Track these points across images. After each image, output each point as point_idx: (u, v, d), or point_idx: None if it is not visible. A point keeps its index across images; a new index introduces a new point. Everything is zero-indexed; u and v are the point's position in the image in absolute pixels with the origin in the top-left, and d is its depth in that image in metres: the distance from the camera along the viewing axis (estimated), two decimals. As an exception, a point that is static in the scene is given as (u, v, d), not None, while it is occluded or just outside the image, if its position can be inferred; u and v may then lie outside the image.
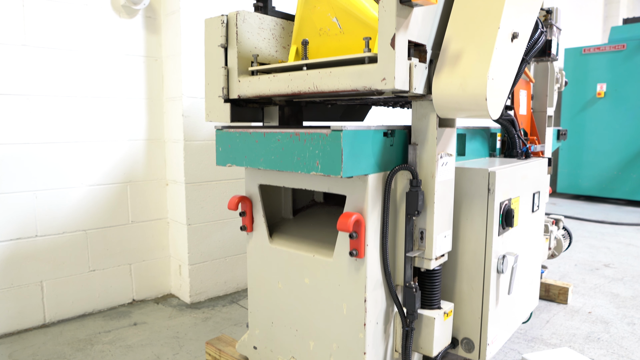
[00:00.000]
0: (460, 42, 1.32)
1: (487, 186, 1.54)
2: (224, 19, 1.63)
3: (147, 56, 2.55)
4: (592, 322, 2.40)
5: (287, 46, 1.82)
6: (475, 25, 1.32)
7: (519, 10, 1.38)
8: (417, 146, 1.43)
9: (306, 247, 1.55)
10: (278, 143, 1.37)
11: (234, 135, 1.51)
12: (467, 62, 1.28)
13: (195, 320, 2.42)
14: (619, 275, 3.14)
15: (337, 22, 1.52)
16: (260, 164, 1.43)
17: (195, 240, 2.61)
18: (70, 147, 2.33)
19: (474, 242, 1.59)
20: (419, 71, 1.30)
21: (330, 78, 1.36)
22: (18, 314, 2.25)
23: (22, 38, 2.15)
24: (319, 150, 1.26)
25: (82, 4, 2.30)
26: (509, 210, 1.60)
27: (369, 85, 1.28)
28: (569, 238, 2.84)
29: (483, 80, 1.24)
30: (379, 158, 1.36)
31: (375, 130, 1.33)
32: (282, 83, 1.49)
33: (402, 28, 1.23)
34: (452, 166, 1.49)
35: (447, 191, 1.48)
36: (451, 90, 1.29)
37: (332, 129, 1.23)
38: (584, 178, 6.11)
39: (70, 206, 2.36)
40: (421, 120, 1.41)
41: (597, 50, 5.82)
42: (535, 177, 1.92)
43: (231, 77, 1.65)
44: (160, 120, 2.64)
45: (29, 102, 2.19)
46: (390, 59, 1.22)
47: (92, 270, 2.47)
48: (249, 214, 1.66)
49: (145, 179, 2.61)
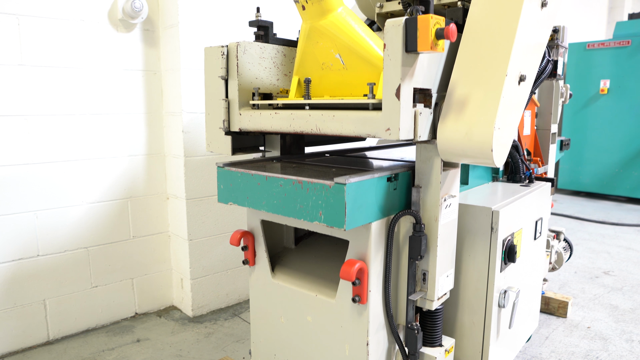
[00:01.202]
0: (467, 87, 1.29)
1: (491, 225, 1.53)
2: (224, 50, 1.60)
3: (146, 70, 2.51)
4: (591, 338, 2.42)
5: (289, 73, 1.79)
6: (481, 69, 1.29)
7: (527, 51, 1.35)
8: (421, 189, 1.42)
9: (309, 284, 1.55)
10: (280, 188, 1.35)
11: (236, 175, 1.49)
12: (473, 109, 1.26)
13: (198, 336, 2.44)
14: (618, 284, 3.16)
15: (340, 59, 1.49)
16: (263, 207, 1.42)
17: (196, 255, 2.61)
18: (69, 166, 2.31)
19: (476, 278, 1.59)
20: (424, 118, 1.28)
21: (333, 122, 1.34)
22: (22, 333, 2.26)
23: (18, 58, 2.11)
24: (322, 201, 1.25)
25: (78, 19, 2.26)
26: (511, 246, 1.60)
27: (373, 133, 1.26)
28: (570, 250, 2.85)
29: (490, 130, 1.22)
30: (383, 204, 1.35)
31: (379, 177, 1.32)
32: (284, 121, 1.47)
33: (408, 77, 1.20)
34: (455, 206, 1.48)
35: (450, 232, 1.47)
36: (456, 138, 1.27)
37: (336, 181, 1.21)
38: (585, 174, 6.10)
39: (71, 224, 2.35)
40: (425, 162, 1.40)
41: (602, 45, 5.74)
42: (538, 205, 1.91)
43: (232, 109, 1.63)
44: (160, 135, 2.61)
45: (27, 123, 2.17)
46: (394, 109, 1.20)
47: (95, 287, 2.48)
48: (251, 249, 1.66)
49: (146, 193, 2.60)
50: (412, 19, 1.15)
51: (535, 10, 1.39)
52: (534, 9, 1.38)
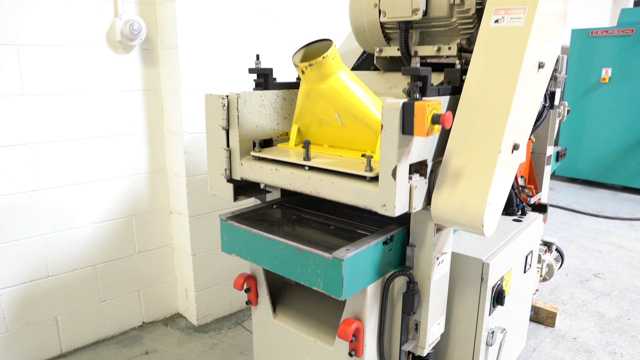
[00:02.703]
0: (462, 159, 1.34)
1: (481, 275, 1.61)
2: (225, 102, 1.62)
3: (146, 90, 2.52)
4: (576, 350, 2.55)
5: (288, 116, 1.82)
6: (477, 141, 1.33)
7: (522, 117, 1.39)
8: (415, 248, 1.48)
9: (308, 328, 1.64)
10: (282, 252, 1.42)
11: (239, 230, 1.55)
12: (467, 183, 1.30)
13: (203, 347, 2.57)
14: (607, 288, 3.28)
15: (339, 118, 1.52)
16: (265, 265, 1.49)
17: (200, 268, 2.71)
18: (74, 190, 2.37)
19: (466, 320, 1.68)
20: (419, 190, 1.33)
21: (331, 189, 1.39)
22: (36, 348, 2.38)
23: (19, 88, 2.13)
24: (321, 270, 1.32)
25: (77, 44, 2.25)
26: (500, 291, 1.68)
27: (370, 206, 1.31)
28: (561, 260, 2.95)
29: (482, 206, 1.27)
30: (378, 267, 1.42)
31: (375, 244, 1.38)
32: (284, 179, 1.52)
33: (404, 157, 1.25)
34: (448, 260, 1.55)
35: (442, 285, 1.55)
36: (449, 209, 1.32)
37: (334, 255, 1.28)
38: (582, 162, 6.14)
39: (78, 245, 2.43)
40: (419, 224, 1.46)
41: (605, 33, 5.66)
42: (529, 240, 1.99)
43: (233, 158, 1.67)
44: (162, 152, 2.65)
45: (32, 151, 2.21)
46: (390, 188, 1.25)
47: (103, 301, 2.58)
48: (253, 291, 1.74)
49: (150, 210, 2.67)
50: (409, 105, 1.18)
51: (532, 74, 1.42)
52: (531, 73, 1.41)
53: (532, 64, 1.40)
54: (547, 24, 1.44)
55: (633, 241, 4.19)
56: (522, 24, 1.36)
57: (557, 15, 1.53)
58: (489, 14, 1.43)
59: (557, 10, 1.51)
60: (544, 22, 1.41)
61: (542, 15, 1.40)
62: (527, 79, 1.38)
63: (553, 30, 1.51)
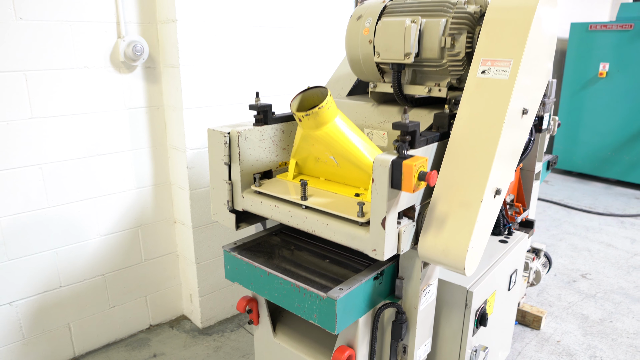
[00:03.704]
0: (447, 206, 1.44)
1: (465, 302, 1.73)
2: (227, 139, 1.72)
3: (149, 106, 2.61)
4: (559, 354, 2.70)
5: (287, 147, 1.91)
6: (461, 188, 1.43)
7: (504, 168, 1.49)
8: (404, 280, 1.60)
9: (306, 348, 1.78)
10: (280, 286, 1.54)
11: (241, 262, 1.67)
12: (451, 230, 1.41)
13: (208, 350, 2.73)
14: (592, 289, 3.43)
15: (334, 159, 1.62)
16: (265, 295, 1.62)
17: (204, 275, 2.84)
18: (83, 205, 2.48)
19: (451, 340, 1.82)
20: (407, 234, 1.44)
21: (326, 229, 1.50)
22: (51, 353, 2.54)
23: (28, 112, 2.21)
24: (317, 306, 1.44)
25: (82, 67, 2.33)
26: (483, 314, 1.81)
27: (361, 249, 1.43)
28: (549, 264, 3.08)
29: (464, 252, 1.38)
30: (369, 300, 1.54)
31: (367, 281, 1.50)
32: (283, 215, 1.63)
33: (393, 207, 1.35)
34: (434, 289, 1.67)
35: (429, 312, 1.68)
36: (434, 252, 1.43)
37: (328, 295, 1.40)
38: (578, 156, 6.23)
39: (88, 256, 2.56)
40: (407, 260, 1.57)
41: (604, 27, 5.67)
42: (514, 260, 2.11)
43: (235, 191, 1.77)
44: (166, 165, 2.75)
45: (42, 171, 2.31)
46: (380, 235, 1.36)
47: (112, 307, 2.73)
48: (255, 312, 1.87)
49: (155, 220, 2.79)
50: (398, 163, 1.28)
51: (516, 121, 1.51)
52: (515, 120, 1.50)
53: (516, 112, 1.49)
54: (531, 74, 1.53)
55: (622, 239, 4.33)
56: (507, 77, 1.44)
57: (543, 62, 1.61)
58: (477, 64, 1.51)
59: (541, 59, 1.59)
60: (528, 73, 1.50)
61: (526, 68, 1.48)
62: (511, 127, 1.48)
63: (538, 78, 1.59)
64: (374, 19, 1.80)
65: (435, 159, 1.52)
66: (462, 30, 1.62)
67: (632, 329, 2.95)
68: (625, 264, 3.85)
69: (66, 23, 2.23)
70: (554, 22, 1.62)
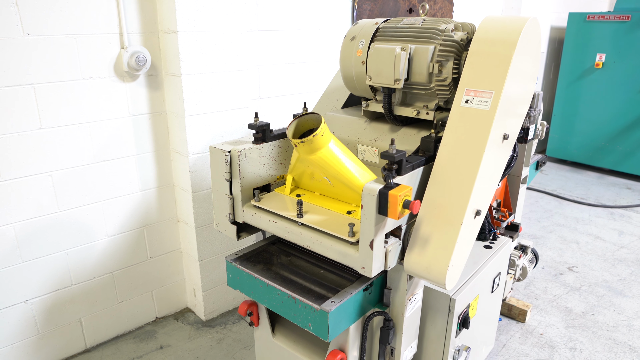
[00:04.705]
0: (430, 227, 1.57)
1: (449, 308, 1.88)
2: (227, 157, 1.83)
3: (152, 112, 2.71)
4: (541, 346, 2.88)
5: (284, 161, 2.03)
6: (444, 212, 1.56)
7: (485, 190, 1.61)
8: (391, 290, 1.75)
9: (302, 348, 1.93)
10: (278, 297, 1.68)
11: (242, 272, 1.81)
12: (433, 250, 1.54)
13: (211, 342, 2.90)
14: (578, 282, 3.59)
15: (328, 180, 1.74)
16: (264, 303, 1.76)
17: (207, 271, 2.99)
18: (91, 208, 2.61)
19: (436, 340, 1.97)
20: (394, 253, 1.57)
21: (320, 246, 1.63)
22: (64, 345, 2.71)
23: (37, 123, 2.32)
24: (311, 316, 1.59)
25: (87, 77, 2.42)
26: (466, 317, 1.96)
27: (352, 266, 1.56)
28: (536, 260, 3.22)
29: (444, 269, 1.52)
30: (360, 309, 1.69)
31: (357, 293, 1.64)
32: (280, 230, 1.76)
33: (380, 231, 1.48)
34: (420, 297, 1.82)
35: (414, 318, 1.82)
36: (418, 269, 1.57)
37: (321, 308, 1.54)
38: (573, 145, 6.33)
39: (97, 256, 2.70)
40: (395, 273, 1.71)
41: (602, 18, 5.69)
42: (498, 264, 2.25)
43: (236, 204, 1.90)
44: (169, 168, 2.87)
45: (52, 178, 2.43)
46: (368, 255, 1.49)
47: (121, 302, 2.89)
48: (255, 314, 2.02)
49: (159, 220, 2.92)
50: (384, 194, 1.40)
51: (497, 146, 1.62)
52: (496, 145, 1.61)
53: (497, 139, 1.60)
54: (512, 101, 1.63)
55: (610, 231, 4.48)
56: (488, 107, 1.55)
57: (525, 86, 1.71)
58: (461, 93, 1.62)
59: (524, 84, 1.69)
60: (508, 103, 1.60)
61: (507, 97, 1.58)
62: (491, 153, 1.59)
63: (519, 103, 1.70)
64: (367, 41, 1.89)
65: (421, 181, 1.64)
66: (449, 57, 1.71)
67: (612, 322, 3.12)
68: (612, 256, 4.00)
69: (71, 36, 2.31)
70: (536, 46, 1.72)
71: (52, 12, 2.23)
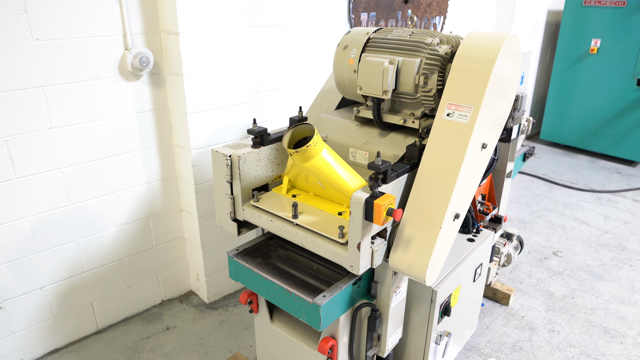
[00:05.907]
0: (412, 229, 1.73)
1: (431, 298, 2.06)
2: (228, 161, 1.98)
3: (155, 109, 2.83)
4: (522, 328, 3.09)
5: (281, 162, 2.18)
6: (425, 214, 1.72)
7: (463, 195, 1.76)
8: (378, 284, 1.92)
9: (298, 333, 2.13)
10: (275, 290, 1.86)
11: (242, 267, 1.98)
12: (414, 250, 1.71)
13: (214, 324, 3.11)
14: (561, 267, 3.78)
15: (321, 184, 1.89)
16: (263, 295, 1.94)
17: (209, 258, 3.18)
18: (100, 201, 2.77)
19: (419, 327, 2.17)
20: (379, 252, 1.74)
21: (313, 245, 1.80)
22: (78, 327, 2.92)
23: (48, 123, 2.45)
24: (305, 308, 1.77)
25: (93, 78, 2.54)
26: (447, 306, 2.15)
27: (341, 264, 1.73)
28: (521, 246, 3.40)
29: (424, 268, 1.69)
30: (349, 301, 1.86)
31: (346, 288, 1.81)
32: (277, 229, 1.92)
33: (367, 234, 1.64)
34: (404, 289, 2.00)
35: (399, 308, 2.01)
36: (401, 267, 1.74)
37: (314, 301, 1.72)
38: (566, 129, 6.45)
39: (106, 245, 2.88)
40: (381, 269, 1.88)
41: (598, 3, 5.72)
42: (480, 255, 2.42)
43: (236, 203, 2.06)
44: (172, 161, 3.02)
45: (63, 174, 2.58)
46: (356, 255, 1.66)
47: (129, 286, 3.09)
48: (255, 302, 2.21)
49: (163, 210, 3.09)
50: (370, 203, 1.56)
51: (475, 155, 1.77)
52: (474, 155, 1.76)
53: (475, 149, 1.75)
54: (492, 113, 1.77)
55: (596, 216, 4.65)
56: (467, 121, 1.69)
57: (505, 97, 1.84)
58: (444, 106, 1.75)
59: (504, 95, 1.82)
60: (487, 115, 1.74)
61: (486, 110, 1.72)
62: (470, 161, 1.74)
63: (498, 115, 1.83)
64: (359, 50, 2.01)
65: (405, 186, 1.79)
66: (433, 70, 1.84)
67: (590, 305, 3.33)
68: (596, 241, 4.19)
69: (77, 40, 2.42)
70: (516, 59, 1.84)
71: (58, 17, 2.33)
